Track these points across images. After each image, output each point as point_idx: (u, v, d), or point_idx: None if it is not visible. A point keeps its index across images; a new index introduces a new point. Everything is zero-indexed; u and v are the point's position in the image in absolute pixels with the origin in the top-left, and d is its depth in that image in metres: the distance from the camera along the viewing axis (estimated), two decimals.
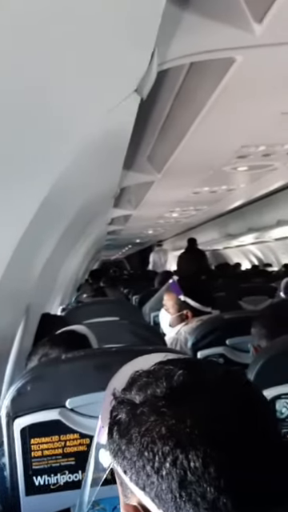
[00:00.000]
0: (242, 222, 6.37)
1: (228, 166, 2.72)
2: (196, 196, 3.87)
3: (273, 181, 3.49)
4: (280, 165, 2.79)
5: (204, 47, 1.17)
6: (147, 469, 0.45)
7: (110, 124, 1.32)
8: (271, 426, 0.48)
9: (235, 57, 1.25)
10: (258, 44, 1.16)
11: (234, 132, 2.07)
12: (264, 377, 1.14)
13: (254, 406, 0.48)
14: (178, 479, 0.43)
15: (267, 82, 1.50)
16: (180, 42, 1.11)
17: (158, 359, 0.52)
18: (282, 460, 0.46)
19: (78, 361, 1.16)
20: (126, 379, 0.51)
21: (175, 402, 0.46)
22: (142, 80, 1.11)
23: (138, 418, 0.47)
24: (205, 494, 0.42)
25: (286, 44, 1.19)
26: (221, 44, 1.17)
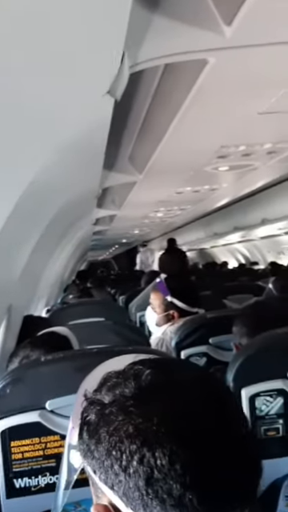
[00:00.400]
0: (228, 221, 6.42)
1: (209, 166, 2.74)
2: (179, 196, 3.88)
3: (254, 180, 3.52)
4: (260, 164, 2.82)
5: (176, 49, 1.18)
6: (115, 467, 0.45)
7: (86, 125, 1.32)
8: (237, 424, 0.49)
9: (208, 58, 1.27)
10: (228, 46, 1.18)
11: (213, 132, 2.09)
12: (243, 375, 1.15)
13: (220, 404, 0.49)
14: (144, 477, 0.44)
15: (241, 83, 1.51)
16: (151, 44, 1.12)
17: (131, 360, 0.53)
18: (247, 458, 0.47)
19: (58, 363, 1.17)
20: (98, 381, 0.52)
21: (143, 402, 0.47)
22: (114, 82, 1.11)
23: (106, 417, 0.48)
24: (171, 491, 0.43)
25: (256, 46, 1.20)
26: (192, 46, 1.18)
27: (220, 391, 0.51)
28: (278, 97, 1.65)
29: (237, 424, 0.49)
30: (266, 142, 2.31)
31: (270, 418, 1.14)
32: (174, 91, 1.61)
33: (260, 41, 1.19)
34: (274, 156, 2.61)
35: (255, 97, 1.66)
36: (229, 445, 0.46)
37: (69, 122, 1.20)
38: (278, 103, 1.71)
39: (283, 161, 2.78)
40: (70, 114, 1.18)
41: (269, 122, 1.97)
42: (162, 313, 2.09)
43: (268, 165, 2.85)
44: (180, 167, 2.78)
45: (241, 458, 0.47)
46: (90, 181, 2.26)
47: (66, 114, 1.17)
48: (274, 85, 1.55)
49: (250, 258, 8.71)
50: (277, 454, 1.10)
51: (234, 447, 0.47)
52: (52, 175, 1.55)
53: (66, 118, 1.19)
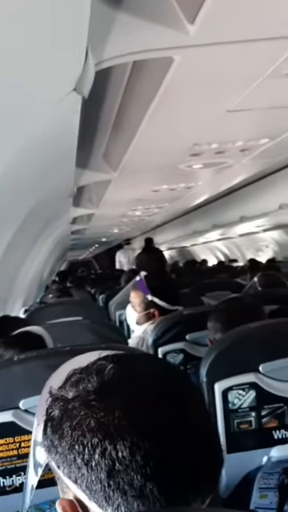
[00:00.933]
0: (207, 219, 6.46)
1: (183, 164, 2.76)
2: (156, 194, 3.89)
3: (230, 178, 3.55)
4: (234, 162, 2.85)
5: (141, 47, 1.19)
6: (78, 461, 0.46)
7: (54, 123, 1.32)
8: (197, 415, 0.50)
9: (173, 56, 1.28)
10: (193, 44, 1.19)
11: (184, 130, 2.10)
12: (216, 369, 1.17)
13: (180, 396, 0.50)
14: (106, 469, 0.44)
15: (208, 81, 1.53)
16: (115, 41, 1.13)
17: (96, 357, 0.54)
18: (207, 448, 0.48)
19: (31, 362, 1.16)
20: (63, 378, 0.52)
21: (105, 396, 0.48)
22: (79, 79, 1.11)
23: (69, 412, 0.48)
24: (132, 482, 0.44)
25: (220, 44, 1.22)
26: (157, 44, 1.19)
27: (180, 383, 0.52)
28: (245, 95, 1.68)
29: (197, 415, 0.50)
30: (238, 140, 2.34)
31: (242, 412, 1.15)
32: (144, 89, 1.62)
33: (223, 39, 1.21)
34: (246, 154, 2.64)
35: (223, 94, 1.69)
36: (188, 435, 0.47)
37: (36, 120, 1.20)
38: (246, 101, 1.74)
39: (257, 158, 2.82)
40: (36, 112, 1.18)
41: (239, 120, 1.99)
42: (142, 311, 2.08)
43: (242, 162, 2.88)
44: (154, 165, 2.79)
45: (201, 448, 0.48)
46: (64, 179, 2.25)
47: (32, 112, 1.17)
48: (241, 83, 1.58)
49: (229, 256, 8.79)
50: (250, 446, 1.12)
51: (193, 438, 0.48)
52: (21, 174, 1.54)
53: (33, 116, 1.19)
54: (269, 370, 1.18)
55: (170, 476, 0.45)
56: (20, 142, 1.25)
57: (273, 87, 1.63)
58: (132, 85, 1.61)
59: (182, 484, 0.45)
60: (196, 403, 0.51)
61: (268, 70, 1.47)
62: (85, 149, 2.26)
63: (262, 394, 1.16)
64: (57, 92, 1.12)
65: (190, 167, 2.83)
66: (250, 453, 1.11)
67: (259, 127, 2.18)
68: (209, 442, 0.49)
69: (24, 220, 2.13)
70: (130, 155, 2.38)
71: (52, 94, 1.13)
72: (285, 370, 1.18)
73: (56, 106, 1.17)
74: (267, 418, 1.16)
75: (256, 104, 1.81)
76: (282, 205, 4.57)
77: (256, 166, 3.16)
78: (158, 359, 0.58)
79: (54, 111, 1.20)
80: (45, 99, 1.12)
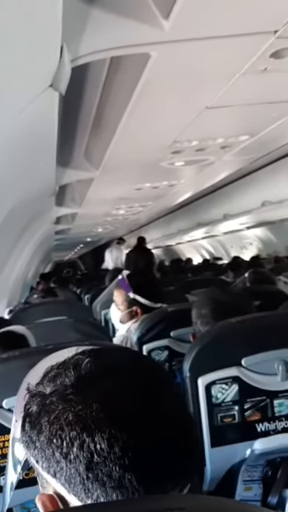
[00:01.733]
0: (191, 217, 6.49)
1: (165, 162, 2.76)
2: (139, 192, 3.90)
3: (212, 175, 3.57)
4: (215, 159, 2.87)
5: (116, 43, 1.19)
6: (56, 455, 0.46)
7: (31, 119, 1.30)
8: (174, 405, 0.50)
9: (150, 52, 1.28)
10: (168, 40, 1.19)
11: (164, 127, 2.11)
12: (199, 364, 1.16)
13: (157, 388, 0.50)
14: (85, 462, 0.44)
15: (185, 77, 1.54)
16: (91, 37, 1.12)
17: (73, 353, 0.53)
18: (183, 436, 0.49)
19: (14, 361, 1.15)
20: (40, 375, 0.52)
21: (82, 389, 0.48)
22: (56, 75, 1.11)
23: (47, 407, 0.48)
24: (111, 473, 0.44)
25: (195, 40, 1.23)
26: (133, 40, 1.19)
27: (156, 375, 0.53)
28: (223, 91, 1.69)
29: (173, 405, 0.50)
30: (218, 137, 2.35)
31: (225, 405, 1.15)
32: (122, 85, 1.61)
33: (198, 34, 1.21)
34: (227, 151, 2.65)
35: (202, 91, 1.69)
36: (165, 425, 0.48)
37: (12, 116, 1.18)
38: (225, 97, 1.75)
39: (237, 155, 2.84)
40: (13, 108, 1.16)
41: (218, 117, 2.00)
42: (125, 310, 2.07)
43: (223, 159, 2.90)
44: (136, 163, 2.79)
45: (177, 437, 0.48)
46: (45, 178, 2.23)
47: (8, 109, 1.15)
48: (219, 79, 1.58)
49: (214, 254, 8.85)
50: (233, 439, 1.12)
51: (170, 427, 0.48)
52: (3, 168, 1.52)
53: (10, 113, 1.17)
54: (251, 363, 1.18)
55: (147, 466, 0.45)
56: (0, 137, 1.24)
57: (250, 83, 1.64)
58: (110, 81, 1.61)
59: (160, 473, 0.46)
60: (171, 393, 0.52)
61: (244, 66, 1.48)
62: (66, 147, 2.25)
63: (244, 388, 1.16)
64: (33, 88, 1.10)
65: (172, 165, 2.84)
66: (233, 446, 1.11)
67: (239, 124, 2.19)
68: (185, 431, 0.49)
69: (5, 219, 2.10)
70: (112, 153, 2.37)
71: (28, 90, 1.12)
72: (267, 364, 1.18)
73: (33, 103, 1.16)
74: (250, 412, 1.17)
75: (234, 100, 1.82)
76: (264, 202, 4.62)
77: (237, 162, 3.18)
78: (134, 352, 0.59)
79: (31, 108, 1.18)
80: (21, 95, 1.11)
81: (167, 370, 1.64)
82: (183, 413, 0.51)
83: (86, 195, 3.58)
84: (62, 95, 1.26)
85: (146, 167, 2.89)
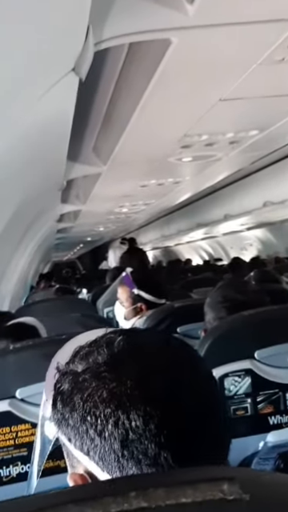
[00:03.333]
0: (191, 218, 6.51)
1: (173, 157, 2.77)
2: (144, 189, 3.90)
3: (217, 172, 3.58)
4: (223, 155, 2.88)
5: (140, 27, 1.18)
6: (90, 433, 0.46)
7: (50, 106, 1.29)
8: (207, 383, 0.50)
9: (171, 38, 1.27)
10: (191, 25, 1.19)
11: (177, 119, 2.11)
12: (212, 356, 1.16)
13: (189, 366, 0.50)
14: (120, 439, 0.44)
15: (204, 66, 1.53)
16: (115, 21, 1.12)
17: (101, 334, 0.53)
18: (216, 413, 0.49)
19: (27, 350, 1.14)
20: (69, 354, 0.52)
21: (116, 367, 0.48)
22: (79, 58, 1.09)
23: (80, 385, 0.48)
24: (146, 451, 0.44)
25: (218, 25, 1.22)
26: (156, 25, 1.19)
27: (188, 353, 0.53)
28: (239, 82, 1.69)
29: (205, 383, 0.50)
30: (228, 132, 2.36)
31: (238, 398, 1.16)
32: (139, 74, 1.61)
33: (222, 20, 1.21)
34: (235, 146, 2.66)
35: (218, 82, 1.69)
36: (199, 403, 0.48)
37: (34, 99, 1.17)
38: (240, 89, 1.75)
39: (244, 152, 2.85)
40: (34, 92, 1.15)
41: (231, 110, 2.01)
42: (129, 306, 2.09)
43: (230, 155, 2.91)
44: (145, 158, 2.79)
45: (211, 415, 0.48)
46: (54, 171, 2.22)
47: (29, 93, 1.14)
48: (236, 69, 1.58)
49: (213, 255, 8.86)
50: (246, 432, 1.12)
51: (203, 406, 0.48)
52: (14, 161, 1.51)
53: (30, 97, 1.16)
54: (264, 356, 1.19)
55: (182, 444, 0.45)
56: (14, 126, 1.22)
57: (265, 74, 1.64)
58: (127, 70, 1.61)
59: (195, 451, 0.46)
60: (203, 373, 0.52)
61: (262, 56, 1.48)
62: (75, 141, 2.24)
63: (257, 381, 1.16)
64: (56, 70, 1.09)
65: (180, 160, 2.84)
66: (246, 439, 1.11)
67: (250, 118, 2.20)
68: (218, 409, 0.50)
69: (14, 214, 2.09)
70: (121, 147, 2.37)
71: (51, 72, 1.10)
72: (279, 357, 1.19)
73: (53, 88, 1.14)
74: (263, 404, 1.17)
75: (248, 93, 1.83)
76: (266, 202, 4.63)
77: (243, 159, 3.19)
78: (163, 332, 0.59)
79: (51, 93, 1.17)
80: (43, 78, 1.09)
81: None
82: (214, 392, 0.51)
83: (91, 192, 3.57)
84: (81, 82, 1.25)
85: (153, 163, 2.89)
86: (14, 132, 1.27)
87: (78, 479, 0.48)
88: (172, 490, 0.31)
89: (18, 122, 1.24)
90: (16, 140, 1.34)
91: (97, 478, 0.46)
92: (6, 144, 1.27)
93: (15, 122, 1.23)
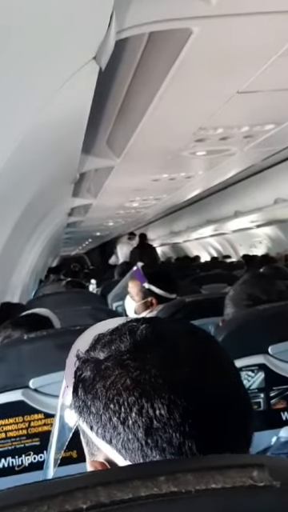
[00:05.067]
0: (201, 214, 6.49)
1: (186, 151, 2.75)
2: (155, 184, 3.89)
3: (230, 167, 3.56)
4: (237, 150, 2.85)
5: (161, 16, 1.17)
6: (113, 420, 0.45)
7: (69, 95, 1.28)
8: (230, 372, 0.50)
9: (192, 28, 1.26)
10: (213, 14, 1.17)
11: (193, 112, 2.09)
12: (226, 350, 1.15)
13: (213, 356, 0.50)
14: (144, 427, 0.44)
15: (223, 57, 1.52)
16: (138, 9, 1.11)
17: (121, 322, 0.53)
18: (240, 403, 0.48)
19: (41, 340, 1.14)
20: (89, 342, 0.52)
21: (139, 355, 0.47)
22: (100, 47, 1.08)
23: (102, 372, 0.47)
24: (171, 440, 0.43)
25: (240, 15, 1.21)
26: (178, 13, 1.17)
27: (210, 343, 0.52)
28: (257, 74, 1.67)
29: (229, 373, 0.50)
30: (244, 125, 2.34)
31: (251, 393, 1.15)
32: (157, 65, 1.59)
33: (245, 10, 1.19)
34: (250, 141, 2.64)
35: (236, 73, 1.68)
36: (223, 392, 0.47)
37: (53, 87, 1.16)
38: (258, 81, 1.73)
39: (258, 146, 2.83)
40: (55, 79, 1.14)
41: (247, 103, 1.99)
42: (140, 300, 2.09)
43: (244, 150, 2.89)
44: (158, 151, 2.78)
45: (235, 405, 0.48)
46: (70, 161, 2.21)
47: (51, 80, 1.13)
48: (256, 59, 1.56)
49: (222, 252, 8.84)
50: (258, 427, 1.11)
51: (227, 395, 0.48)
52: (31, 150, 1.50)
53: (52, 83, 1.15)
54: (278, 351, 1.18)
55: (207, 433, 0.45)
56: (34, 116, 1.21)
57: (285, 66, 1.62)
58: (145, 61, 1.59)
59: (219, 441, 0.45)
60: (226, 362, 0.51)
61: (283, 47, 1.46)
62: (89, 133, 2.23)
63: (270, 376, 1.16)
64: (78, 58, 1.08)
65: (194, 154, 2.82)
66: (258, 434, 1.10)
67: (266, 111, 2.18)
68: (242, 400, 0.49)
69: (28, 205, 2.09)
70: (135, 140, 2.36)
71: (73, 60, 1.09)
72: None
73: (74, 76, 1.13)
74: (276, 400, 1.16)
75: (266, 85, 1.81)
76: (277, 199, 4.60)
77: (257, 154, 3.16)
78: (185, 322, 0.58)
79: (71, 82, 1.16)
80: (65, 65, 1.08)
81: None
82: (238, 383, 0.50)
83: (103, 185, 3.57)
84: (101, 71, 1.23)
85: (166, 156, 2.88)
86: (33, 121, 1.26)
87: (98, 466, 0.47)
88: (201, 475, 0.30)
89: (38, 111, 1.23)
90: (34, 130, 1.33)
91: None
92: (23, 134, 1.27)
93: (35, 111, 1.22)
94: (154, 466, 0.41)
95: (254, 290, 1.38)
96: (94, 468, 0.48)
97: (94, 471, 0.47)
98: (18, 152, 1.33)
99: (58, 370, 1.00)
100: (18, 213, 2.09)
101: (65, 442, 0.56)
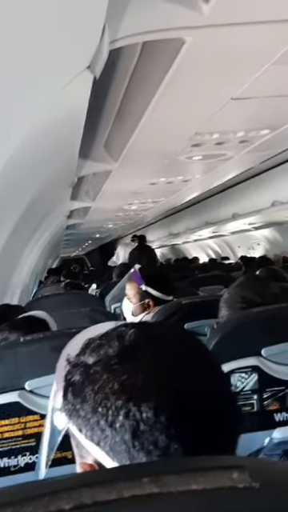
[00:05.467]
0: (200, 216, 6.49)
1: (183, 155, 2.77)
2: (153, 187, 3.90)
3: (226, 171, 3.57)
4: (233, 154, 2.87)
5: (154, 26, 1.19)
6: (101, 423, 0.46)
7: (64, 103, 1.30)
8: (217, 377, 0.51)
9: (185, 38, 1.28)
10: (206, 24, 1.19)
11: (188, 117, 2.11)
12: (219, 352, 1.17)
13: (201, 361, 0.51)
14: (131, 430, 0.45)
15: (217, 65, 1.54)
16: (130, 19, 1.13)
17: (111, 326, 0.54)
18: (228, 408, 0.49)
19: (37, 343, 1.16)
20: (80, 346, 0.53)
21: (127, 359, 0.48)
22: (94, 56, 1.11)
23: (91, 377, 0.48)
24: (157, 442, 0.44)
25: (233, 25, 1.23)
26: (170, 23, 1.19)
27: (198, 346, 0.53)
28: (251, 81, 1.69)
29: (217, 377, 0.51)
30: (239, 130, 2.36)
31: (244, 394, 1.16)
32: (152, 72, 1.62)
33: (237, 19, 1.21)
34: (245, 145, 2.66)
35: (230, 80, 1.69)
36: (210, 397, 0.48)
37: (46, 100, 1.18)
38: (252, 88, 1.75)
39: (254, 151, 2.84)
40: (47, 91, 1.16)
41: (242, 109, 2.01)
42: (137, 302, 2.10)
43: (240, 155, 2.90)
44: (155, 155, 2.80)
45: (222, 409, 0.49)
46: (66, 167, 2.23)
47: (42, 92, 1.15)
48: (250, 67, 1.58)
49: (220, 254, 8.84)
50: (251, 428, 1.12)
51: (215, 399, 0.49)
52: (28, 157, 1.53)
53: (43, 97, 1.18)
54: (271, 353, 1.19)
55: (193, 436, 0.46)
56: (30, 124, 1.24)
57: (278, 74, 1.65)
58: (140, 69, 1.61)
59: (206, 444, 0.46)
60: (215, 366, 0.52)
61: (276, 56, 1.48)
62: (87, 138, 2.25)
63: (263, 378, 1.16)
64: (71, 68, 1.10)
65: (190, 159, 2.84)
66: (251, 435, 1.11)
67: (261, 117, 2.20)
68: (229, 403, 0.50)
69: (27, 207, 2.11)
70: (132, 145, 2.38)
71: (67, 70, 1.12)
72: (286, 354, 1.19)
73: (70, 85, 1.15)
74: (269, 401, 1.17)
75: (261, 92, 1.83)
76: (274, 202, 4.61)
77: (253, 159, 3.18)
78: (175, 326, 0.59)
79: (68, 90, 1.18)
80: (60, 75, 1.11)
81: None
82: (227, 388, 0.52)
83: (101, 188, 3.59)
84: (95, 79, 1.26)
85: (163, 161, 2.89)
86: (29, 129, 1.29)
87: (87, 468, 0.48)
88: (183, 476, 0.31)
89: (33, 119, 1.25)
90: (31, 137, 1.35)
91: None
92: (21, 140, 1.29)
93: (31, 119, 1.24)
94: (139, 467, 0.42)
95: (248, 293, 1.39)
96: (83, 470, 0.49)
97: (81, 473, 0.48)
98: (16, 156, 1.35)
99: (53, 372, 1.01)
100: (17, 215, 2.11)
101: (55, 444, 0.57)
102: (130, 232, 8.85)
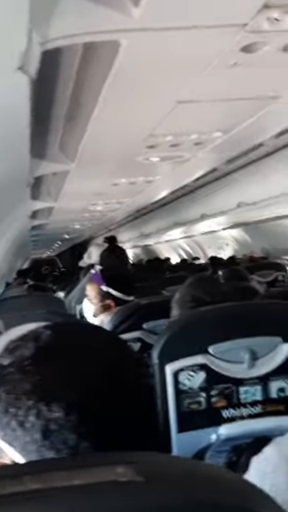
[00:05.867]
0: (169, 216, 6.52)
1: (140, 156, 2.78)
2: (116, 188, 3.90)
3: (189, 172, 3.60)
4: (190, 156, 2.89)
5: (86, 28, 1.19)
6: (12, 424, 0.47)
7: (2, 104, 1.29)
8: (131, 379, 0.52)
9: (120, 40, 1.29)
10: (138, 28, 1.20)
11: (138, 120, 2.11)
12: (168, 351, 1.17)
13: (116, 363, 0.52)
14: (41, 429, 0.46)
15: (157, 68, 1.55)
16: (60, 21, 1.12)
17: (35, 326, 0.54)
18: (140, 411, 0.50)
19: None
20: (2, 348, 0.53)
21: (40, 361, 0.49)
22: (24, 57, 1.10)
23: (4, 378, 0.49)
24: (66, 441, 0.45)
25: (165, 29, 1.24)
26: (102, 26, 1.20)
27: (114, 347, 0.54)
28: (194, 85, 1.70)
29: (129, 378, 0.52)
30: (192, 133, 2.38)
31: (192, 392, 1.17)
32: (94, 74, 1.62)
33: (169, 24, 1.22)
34: (201, 147, 2.68)
35: (173, 84, 1.71)
36: (122, 397, 0.49)
37: None
38: (196, 92, 1.77)
39: (211, 152, 2.87)
40: None
41: (191, 112, 2.02)
42: (98, 303, 2.10)
43: (198, 156, 2.93)
44: (112, 156, 2.79)
45: (135, 410, 0.50)
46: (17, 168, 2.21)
47: None
48: (189, 72, 1.60)
49: (191, 254, 8.92)
50: (200, 425, 1.14)
51: (127, 400, 0.50)
52: None
53: None
54: (218, 351, 1.19)
55: (103, 436, 0.47)
56: None
57: (221, 78, 1.66)
58: (83, 69, 1.61)
59: (116, 444, 0.47)
60: (128, 367, 0.53)
61: (215, 60, 1.50)
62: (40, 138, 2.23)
63: (211, 375, 1.17)
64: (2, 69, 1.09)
65: (148, 160, 2.85)
66: (200, 432, 1.13)
67: (211, 120, 2.22)
68: (140, 402, 0.51)
69: None
70: (86, 145, 2.37)
71: None
72: (233, 352, 1.20)
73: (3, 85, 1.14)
74: (216, 398, 1.18)
75: (205, 96, 1.84)
76: (240, 203, 4.69)
77: (212, 160, 3.21)
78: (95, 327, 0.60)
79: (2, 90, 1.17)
80: None
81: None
82: (138, 387, 0.52)
83: (61, 189, 3.56)
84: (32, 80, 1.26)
85: (121, 161, 2.90)
86: None
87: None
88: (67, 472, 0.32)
89: None
90: None
91: None
92: None
93: None
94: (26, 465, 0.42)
95: (198, 292, 1.40)
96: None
97: None
98: None
99: None
100: None
101: None
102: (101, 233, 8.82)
